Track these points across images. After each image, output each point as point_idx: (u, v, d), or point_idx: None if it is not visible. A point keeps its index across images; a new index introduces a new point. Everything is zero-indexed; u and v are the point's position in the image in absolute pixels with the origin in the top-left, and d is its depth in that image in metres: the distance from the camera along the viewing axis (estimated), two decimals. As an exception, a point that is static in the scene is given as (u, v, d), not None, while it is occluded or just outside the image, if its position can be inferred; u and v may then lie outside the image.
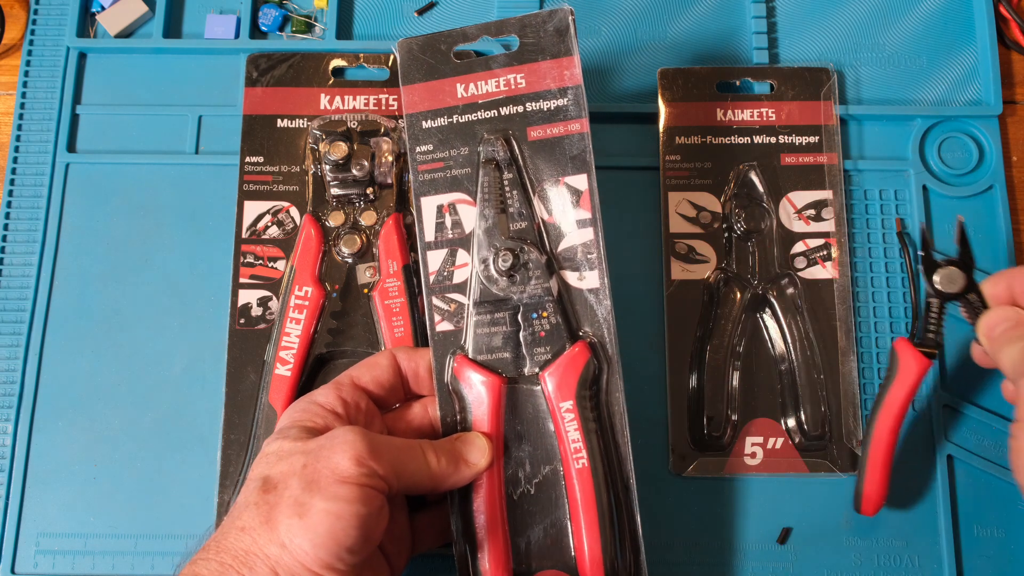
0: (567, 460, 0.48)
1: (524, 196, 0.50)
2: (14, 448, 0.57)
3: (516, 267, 0.49)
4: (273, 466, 0.42)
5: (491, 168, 0.50)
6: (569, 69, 0.51)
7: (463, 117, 0.51)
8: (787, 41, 0.65)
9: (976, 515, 0.56)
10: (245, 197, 0.58)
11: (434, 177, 0.51)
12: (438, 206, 0.51)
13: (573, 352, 0.49)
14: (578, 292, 0.50)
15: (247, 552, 0.40)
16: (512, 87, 0.51)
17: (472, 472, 0.47)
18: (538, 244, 0.50)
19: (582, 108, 0.51)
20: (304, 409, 0.46)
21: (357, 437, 0.42)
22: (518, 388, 0.49)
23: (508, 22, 0.51)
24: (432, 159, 0.51)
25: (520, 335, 0.49)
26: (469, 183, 0.51)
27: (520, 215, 0.50)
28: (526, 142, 0.51)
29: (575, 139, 0.51)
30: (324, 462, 0.41)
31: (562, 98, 0.51)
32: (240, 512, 0.42)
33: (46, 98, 0.63)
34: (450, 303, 0.50)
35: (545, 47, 0.51)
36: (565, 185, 0.51)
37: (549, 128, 0.51)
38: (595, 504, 0.47)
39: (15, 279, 0.60)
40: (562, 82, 0.51)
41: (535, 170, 0.51)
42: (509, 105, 0.51)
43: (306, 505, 0.40)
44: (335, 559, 0.40)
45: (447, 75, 0.51)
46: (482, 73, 0.51)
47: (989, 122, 0.62)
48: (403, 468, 0.44)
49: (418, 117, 0.51)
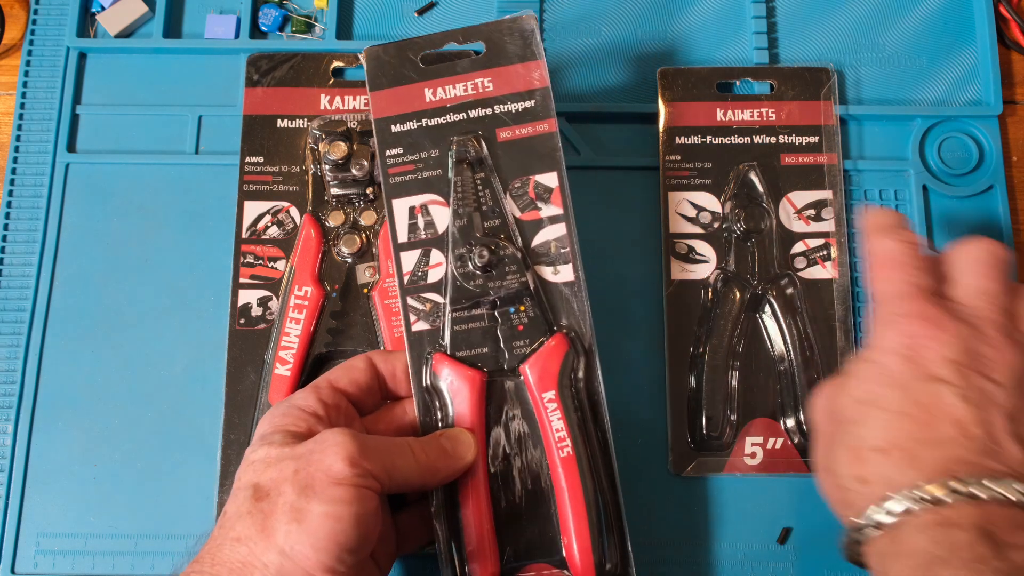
0: (551, 450, 0.48)
1: (496, 194, 0.51)
2: (14, 448, 0.57)
3: (492, 263, 0.50)
4: (262, 473, 0.42)
5: (463, 168, 0.51)
6: (536, 71, 0.52)
7: (432, 120, 0.52)
8: (787, 41, 0.65)
9: (976, 515, 0.56)
10: (245, 197, 0.59)
11: (405, 179, 0.52)
12: (410, 207, 0.52)
13: (552, 344, 0.49)
14: (554, 286, 0.51)
15: (244, 563, 0.40)
16: (480, 90, 0.52)
17: (459, 467, 0.47)
18: (512, 240, 0.51)
19: (550, 109, 0.52)
20: (284, 413, 0.45)
21: (347, 438, 0.42)
22: (498, 382, 0.50)
23: (474, 29, 0.53)
24: (403, 162, 0.52)
25: (498, 330, 0.50)
26: (440, 184, 0.52)
27: (493, 213, 0.51)
28: (496, 143, 0.52)
29: (544, 139, 0.52)
30: (316, 465, 0.41)
31: (530, 100, 0.52)
32: (233, 523, 0.41)
33: (46, 98, 0.63)
34: (425, 303, 0.51)
35: (511, 52, 0.52)
36: (536, 183, 0.51)
37: (518, 129, 0.52)
38: (581, 492, 0.48)
39: (15, 279, 0.60)
40: (530, 84, 0.52)
41: (506, 169, 0.52)
42: (478, 108, 0.52)
43: (303, 510, 0.40)
44: (336, 561, 0.40)
45: (415, 80, 0.52)
46: (450, 77, 0.52)
47: (989, 122, 0.62)
48: (393, 466, 0.43)
49: (387, 121, 0.52)
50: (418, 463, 0.45)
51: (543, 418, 0.49)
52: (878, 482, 0.41)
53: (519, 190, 0.52)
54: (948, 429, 0.40)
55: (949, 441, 0.40)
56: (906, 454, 0.41)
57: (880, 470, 0.41)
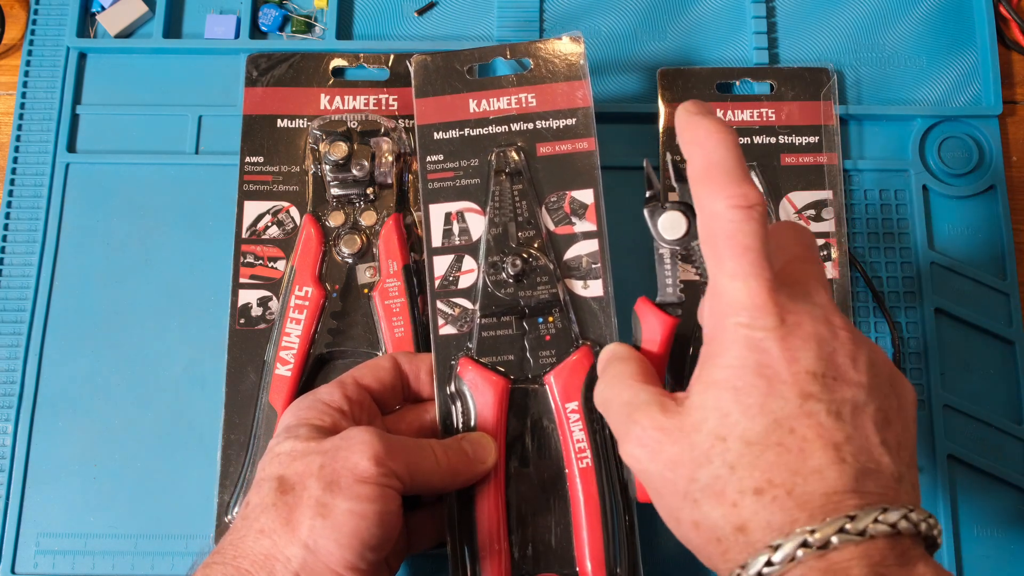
0: (570, 461, 0.48)
1: (532, 207, 0.52)
2: (14, 448, 0.57)
3: (525, 272, 0.50)
4: (287, 466, 0.42)
5: (502, 178, 0.52)
6: (580, 91, 0.53)
7: (474, 131, 0.53)
8: (787, 41, 0.65)
9: (976, 515, 0.56)
10: (245, 197, 0.59)
11: (443, 186, 0.53)
12: (446, 213, 0.52)
13: (578, 356, 0.50)
14: (583, 300, 0.51)
15: (267, 556, 0.40)
16: (523, 105, 0.53)
17: (479, 471, 0.47)
18: (546, 252, 0.51)
19: (591, 128, 0.53)
20: (310, 407, 0.46)
21: (373, 437, 0.42)
22: (522, 390, 0.50)
23: (522, 46, 0.54)
24: (442, 168, 0.53)
25: (525, 339, 0.50)
26: (477, 192, 0.52)
27: (528, 224, 0.52)
28: (535, 157, 0.53)
29: (583, 156, 0.53)
30: (342, 462, 0.41)
31: (571, 118, 0.53)
32: (258, 514, 0.41)
33: (46, 98, 0.63)
34: (454, 307, 0.51)
35: (557, 71, 0.54)
36: (572, 198, 0.52)
37: (558, 145, 0.53)
38: (598, 503, 0.48)
39: (15, 279, 0.60)
40: (573, 103, 0.53)
41: (543, 183, 0.53)
42: (520, 122, 0.53)
43: (329, 506, 0.40)
44: (359, 559, 0.40)
45: (460, 91, 0.54)
46: (495, 91, 0.54)
47: (989, 122, 0.63)
48: (416, 467, 0.44)
49: (430, 128, 0.53)
50: (440, 465, 0.45)
51: (564, 428, 0.49)
52: (758, 528, 0.34)
53: (555, 204, 0.53)
54: (823, 455, 0.34)
55: (827, 468, 0.34)
56: (784, 492, 0.34)
57: (758, 515, 0.34)
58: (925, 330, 0.59)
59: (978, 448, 0.57)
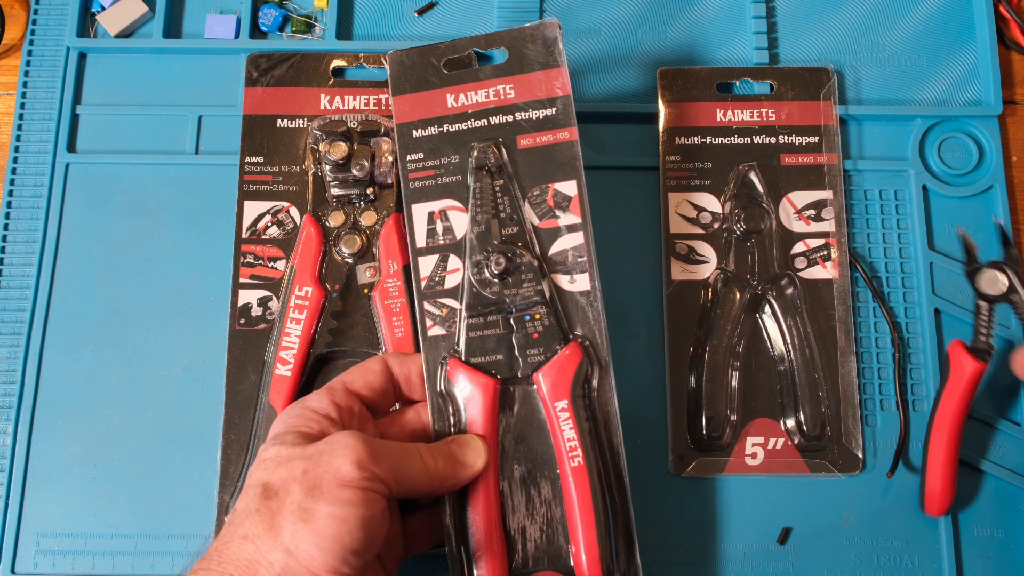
0: (562, 459, 0.48)
1: (515, 202, 0.51)
2: (14, 448, 0.57)
3: (509, 270, 0.50)
4: (272, 472, 0.42)
5: (483, 174, 0.51)
6: (558, 80, 0.52)
7: (453, 126, 0.52)
8: (787, 41, 0.65)
9: (976, 515, 0.56)
10: (245, 197, 0.59)
11: (425, 185, 0.52)
12: (429, 213, 0.52)
13: (566, 353, 0.49)
14: (569, 295, 0.50)
15: (250, 561, 0.40)
16: (502, 97, 0.52)
17: (469, 474, 0.47)
18: (530, 248, 0.50)
19: (571, 117, 0.52)
20: (298, 415, 0.46)
21: (357, 441, 0.42)
22: (511, 389, 0.50)
23: (497, 35, 0.53)
24: (423, 167, 0.52)
25: (513, 337, 0.50)
26: (460, 190, 0.51)
27: (511, 220, 0.51)
28: (516, 150, 0.52)
29: (564, 147, 0.52)
30: (325, 467, 0.41)
31: (551, 108, 0.52)
32: (242, 520, 0.41)
33: (46, 98, 0.63)
34: (442, 308, 0.50)
35: (534, 59, 0.52)
36: (555, 191, 0.51)
37: (539, 136, 0.52)
38: (591, 502, 0.48)
39: (15, 279, 0.60)
40: (552, 92, 0.52)
41: (525, 177, 0.51)
42: (499, 115, 0.52)
43: (310, 510, 0.40)
44: (341, 563, 0.40)
45: (437, 86, 0.52)
46: (472, 84, 0.52)
47: (989, 122, 0.62)
48: (402, 471, 0.44)
49: (409, 127, 0.52)
50: (427, 469, 0.45)
51: (555, 427, 0.49)
52: None
53: (538, 198, 0.51)
54: None
55: None
56: None
57: None
58: (925, 330, 0.59)
59: (979, 448, 0.57)
